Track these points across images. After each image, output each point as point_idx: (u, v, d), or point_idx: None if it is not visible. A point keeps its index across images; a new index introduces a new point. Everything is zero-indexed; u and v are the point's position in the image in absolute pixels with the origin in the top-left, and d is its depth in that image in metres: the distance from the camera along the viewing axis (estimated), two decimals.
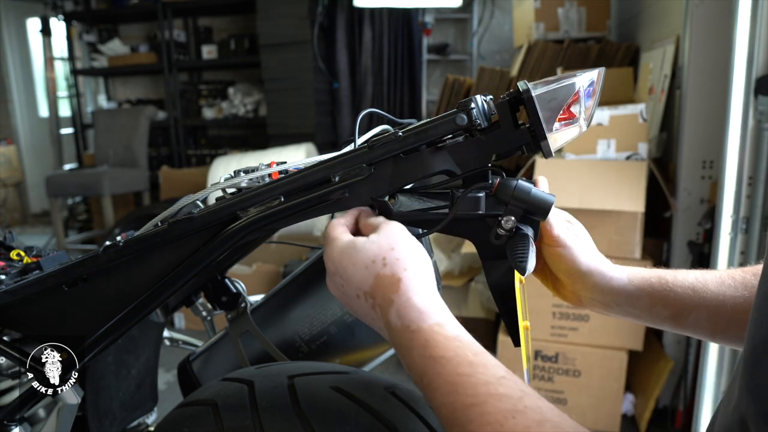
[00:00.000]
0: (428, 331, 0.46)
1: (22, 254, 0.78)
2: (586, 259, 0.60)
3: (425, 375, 0.45)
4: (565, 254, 0.60)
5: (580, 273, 0.60)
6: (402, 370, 2.49)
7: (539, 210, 0.52)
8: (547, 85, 0.51)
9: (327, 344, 0.73)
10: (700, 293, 0.59)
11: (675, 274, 0.61)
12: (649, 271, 0.62)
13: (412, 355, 0.46)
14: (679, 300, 0.59)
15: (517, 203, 0.51)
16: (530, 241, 0.52)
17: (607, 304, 0.62)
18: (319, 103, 3.96)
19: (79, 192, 4.02)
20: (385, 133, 0.55)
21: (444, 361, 0.44)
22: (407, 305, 0.48)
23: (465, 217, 0.53)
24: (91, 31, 4.81)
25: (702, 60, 1.88)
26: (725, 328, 0.58)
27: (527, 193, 0.51)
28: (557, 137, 0.53)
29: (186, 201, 0.65)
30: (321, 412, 0.58)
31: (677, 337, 2.05)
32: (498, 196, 0.52)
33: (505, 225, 0.52)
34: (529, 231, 0.53)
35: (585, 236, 0.62)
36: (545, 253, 0.61)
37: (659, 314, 0.60)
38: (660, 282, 0.60)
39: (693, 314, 0.59)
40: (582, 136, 0.57)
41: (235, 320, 0.80)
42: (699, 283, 0.59)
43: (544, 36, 2.84)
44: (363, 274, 0.50)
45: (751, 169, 1.54)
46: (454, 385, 0.43)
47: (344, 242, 0.52)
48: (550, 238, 0.59)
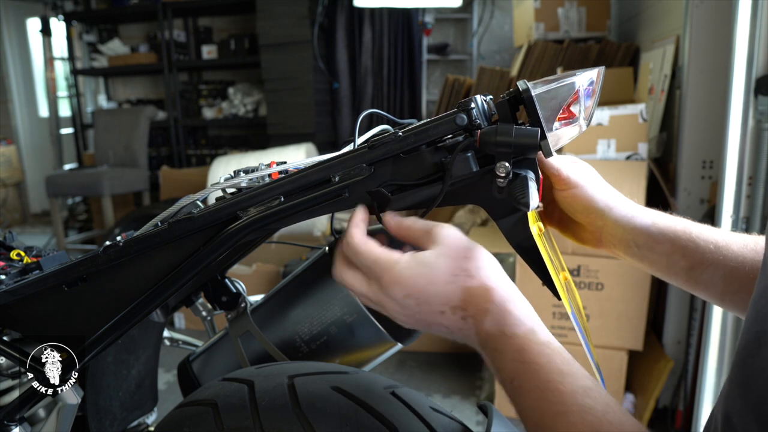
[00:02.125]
0: (522, 338, 0.47)
1: (22, 254, 0.78)
2: (602, 195, 0.59)
3: (516, 378, 0.46)
4: (579, 194, 0.59)
5: (599, 209, 0.59)
6: (402, 370, 2.49)
7: (527, 145, 0.50)
8: (547, 85, 0.51)
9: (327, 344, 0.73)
10: (722, 250, 0.58)
11: (700, 227, 0.60)
12: (675, 219, 0.61)
13: (504, 359, 0.48)
14: (699, 252, 0.58)
15: (503, 147, 0.50)
16: (528, 178, 0.51)
17: (627, 243, 0.60)
18: (319, 103, 3.96)
19: (79, 192, 4.02)
20: (385, 133, 0.55)
21: (536, 367, 0.45)
22: (503, 312, 0.48)
23: (462, 182, 0.52)
24: (91, 31, 4.81)
25: (702, 60, 1.88)
26: (737, 291, 0.58)
27: (510, 134, 0.50)
28: (557, 136, 0.53)
29: (186, 201, 0.65)
30: (321, 412, 0.58)
31: (677, 337, 2.05)
32: (483, 148, 0.51)
33: (500, 172, 0.50)
34: (528, 173, 0.52)
35: (594, 173, 0.61)
36: (559, 198, 0.60)
37: (676, 263, 0.59)
38: (684, 231, 0.59)
39: (710, 270, 0.58)
40: (582, 136, 0.57)
41: (235, 320, 0.80)
42: (722, 240, 0.59)
43: (544, 36, 2.84)
44: (448, 289, 0.50)
45: (751, 169, 1.54)
46: (543, 391, 0.44)
47: (408, 263, 0.51)
48: (560, 181, 0.58)
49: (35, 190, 5.67)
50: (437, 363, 2.53)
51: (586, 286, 1.94)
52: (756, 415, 0.36)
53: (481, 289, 0.49)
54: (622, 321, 1.94)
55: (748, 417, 0.36)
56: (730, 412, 0.39)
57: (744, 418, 0.37)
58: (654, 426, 2.03)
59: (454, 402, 2.23)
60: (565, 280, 0.59)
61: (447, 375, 2.43)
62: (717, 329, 1.66)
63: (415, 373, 2.46)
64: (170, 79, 4.34)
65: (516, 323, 0.48)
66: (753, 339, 0.38)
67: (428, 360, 2.56)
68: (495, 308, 0.49)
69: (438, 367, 2.50)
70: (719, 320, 1.65)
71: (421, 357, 2.58)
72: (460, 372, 2.45)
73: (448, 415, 0.64)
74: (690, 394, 1.91)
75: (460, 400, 2.24)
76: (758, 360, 0.37)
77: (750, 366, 0.38)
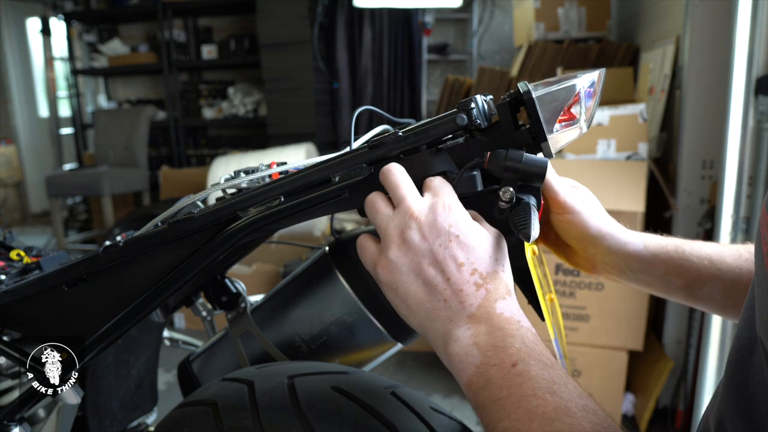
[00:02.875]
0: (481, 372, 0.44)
1: (22, 254, 0.78)
2: (596, 223, 0.59)
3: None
4: (575, 220, 0.59)
5: (591, 237, 0.59)
6: (402, 370, 2.49)
7: (535, 174, 0.50)
8: (548, 87, 0.51)
9: (327, 344, 0.73)
10: (716, 265, 0.58)
11: (692, 244, 0.60)
12: (665, 239, 0.60)
13: None
14: (694, 270, 0.58)
15: (510, 172, 0.50)
16: (531, 207, 0.50)
17: (621, 269, 0.60)
18: (319, 103, 3.96)
19: (79, 192, 4.02)
20: (384, 133, 0.55)
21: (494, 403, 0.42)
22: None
23: (464, 199, 0.52)
24: (91, 31, 4.82)
25: (702, 60, 1.88)
26: (738, 303, 0.57)
27: (519, 160, 0.50)
28: (558, 138, 0.53)
29: (186, 201, 0.65)
30: (321, 412, 0.58)
31: (677, 337, 2.05)
32: (490, 169, 0.51)
33: (504, 196, 0.50)
34: (531, 200, 0.51)
35: (593, 200, 0.61)
36: (554, 221, 0.60)
37: (673, 283, 0.59)
38: (677, 250, 0.59)
39: (708, 286, 0.58)
40: (582, 137, 0.57)
41: (235, 320, 0.80)
42: (716, 254, 0.58)
43: (544, 36, 2.84)
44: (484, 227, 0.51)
45: (751, 169, 1.54)
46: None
47: (450, 193, 0.50)
48: (557, 205, 0.58)
49: (35, 190, 5.67)
50: (437, 363, 2.53)
51: (586, 286, 1.94)
52: (747, 422, 0.36)
53: None
54: (622, 321, 1.94)
55: (740, 424, 0.36)
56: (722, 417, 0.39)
57: (736, 425, 0.37)
58: (654, 426, 2.03)
59: (454, 402, 2.23)
60: (551, 301, 0.59)
61: (447, 375, 2.43)
62: (717, 329, 1.66)
63: (415, 373, 2.46)
64: (170, 79, 4.34)
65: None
66: (745, 345, 0.38)
67: (428, 360, 2.56)
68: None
69: (438, 367, 2.49)
70: (719, 320, 1.65)
71: (421, 357, 2.58)
72: None
73: (448, 415, 0.64)
74: (690, 394, 1.91)
75: (460, 400, 2.24)
76: (749, 366, 0.37)
77: (741, 372, 0.38)
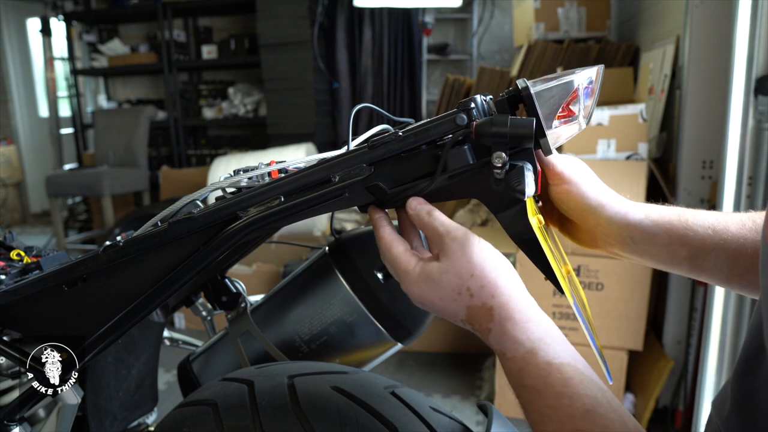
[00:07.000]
0: (521, 360, 0.47)
1: (22, 254, 0.78)
2: (594, 192, 0.59)
3: (519, 397, 0.47)
4: (573, 190, 0.58)
5: (591, 207, 0.58)
6: (402, 370, 2.49)
7: (523, 136, 0.49)
8: (546, 83, 0.51)
9: (327, 344, 0.73)
10: (720, 234, 0.57)
11: (695, 213, 0.59)
12: (668, 209, 0.59)
13: (508, 376, 0.48)
14: (698, 239, 0.57)
15: (498, 137, 0.49)
16: (524, 168, 0.50)
17: (623, 240, 0.59)
18: (319, 103, 3.96)
19: (79, 192, 4.01)
20: (384, 133, 0.55)
21: (534, 392, 0.46)
22: (502, 334, 0.48)
23: (460, 175, 0.52)
24: (91, 31, 4.81)
25: (702, 60, 1.88)
26: (743, 273, 0.56)
27: (505, 124, 0.49)
28: (557, 134, 0.53)
29: (186, 201, 0.65)
30: (321, 412, 0.58)
31: (677, 337, 2.05)
32: (479, 139, 0.50)
33: (496, 162, 0.50)
34: (525, 164, 0.51)
35: (589, 171, 0.60)
36: (553, 194, 0.60)
37: (677, 254, 0.58)
38: (680, 220, 0.58)
39: (712, 256, 0.57)
40: (582, 136, 0.57)
41: (235, 320, 0.80)
42: (720, 224, 0.57)
43: (544, 36, 2.84)
44: (453, 307, 0.51)
45: (751, 169, 1.54)
46: (542, 416, 0.45)
47: (417, 276, 0.52)
48: (554, 175, 0.58)
49: (35, 190, 5.67)
50: (437, 363, 2.53)
51: (586, 286, 1.94)
52: None
53: (482, 309, 0.49)
54: (622, 321, 1.94)
55: None
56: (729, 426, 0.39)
57: None
58: (654, 426, 2.03)
59: (454, 402, 2.23)
60: (568, 273, 0.58)
61: (447, 375, 2.43)
62: (717, 329, 1.65)
63: (415, 373, 2.46)
64: (170, 79, 4.34)
65: (514, 346, 0.47)
66: (753, 355, 0.38)
67: (428, 360, 2.56)
68: (496, 329, 0.48)
69: (438, 367, 2.49)
70: (719, 320, 1.65)
71: (421, 357, 2.58)
72: (460, 372, 2.45)
73: (448, 415, 0.64)
74: (690, 394, 1.91)
75: (460, 400, 2.23)
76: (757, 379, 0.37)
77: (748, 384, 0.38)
